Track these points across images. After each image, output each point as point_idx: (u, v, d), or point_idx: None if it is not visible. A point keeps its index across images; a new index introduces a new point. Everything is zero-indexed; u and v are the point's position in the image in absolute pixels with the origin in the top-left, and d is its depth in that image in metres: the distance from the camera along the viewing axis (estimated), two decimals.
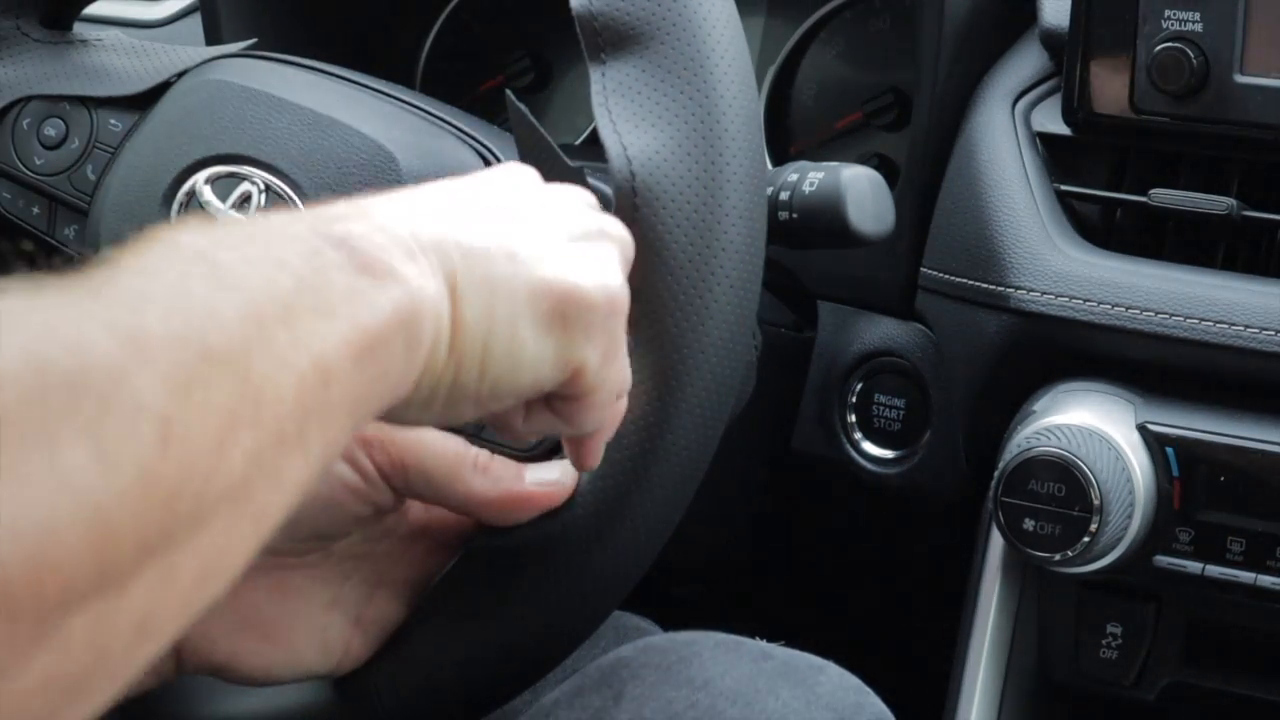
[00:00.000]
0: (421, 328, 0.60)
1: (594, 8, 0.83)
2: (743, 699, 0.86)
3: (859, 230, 0.91)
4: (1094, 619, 1.11)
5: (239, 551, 0.51)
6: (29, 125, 1.05)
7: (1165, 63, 1.04)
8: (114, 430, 0.45)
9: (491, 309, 0.64)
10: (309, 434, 0.53)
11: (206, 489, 0.48)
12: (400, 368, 0.59)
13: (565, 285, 0.66)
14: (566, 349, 0.67)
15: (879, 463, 1.22)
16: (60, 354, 0.45)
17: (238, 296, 0.52)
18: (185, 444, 0.47)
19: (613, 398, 0.72)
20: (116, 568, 0.45)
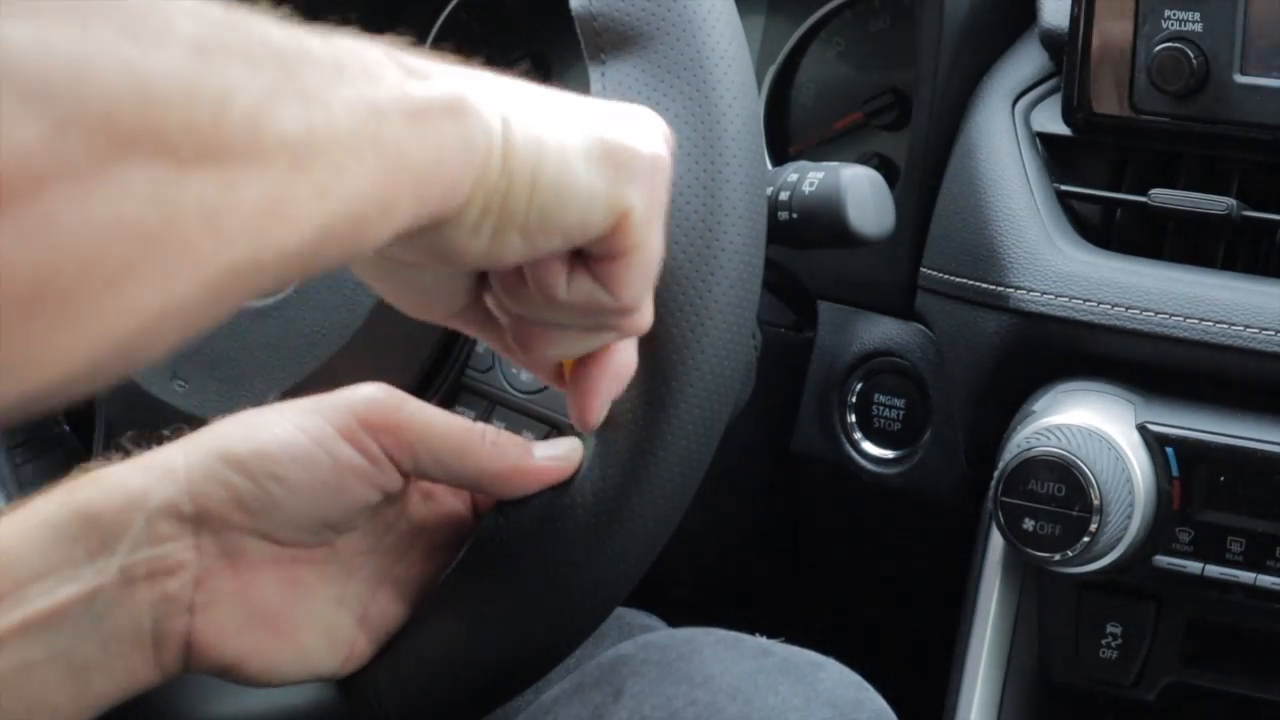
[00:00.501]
0: (473, 126, 0.61)
1: (594, 8, 0.83)
2: (742, 695, 0.86)
3: (859, 230, 0.91)
4: (1094, 619, 1.11)
5: (299, 204, 0.52)
6: None
7: (1165, 63, 1.04)
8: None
9: (541, 136, 0.65)
10: (363, 152, 0.55)
11: (255, 125, 0.50)
12: (456, 159, 0.61)
13: (614, 132, 0.68)
14: (614, 190, 0.68)
15: (879, 463, 1.22)
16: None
17: (267, 43, 0.53)
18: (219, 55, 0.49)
19: (653, 265, 0.72)
20: (170, 140, 0.47)
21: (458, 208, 0.62)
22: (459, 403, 0.90)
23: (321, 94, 0.54)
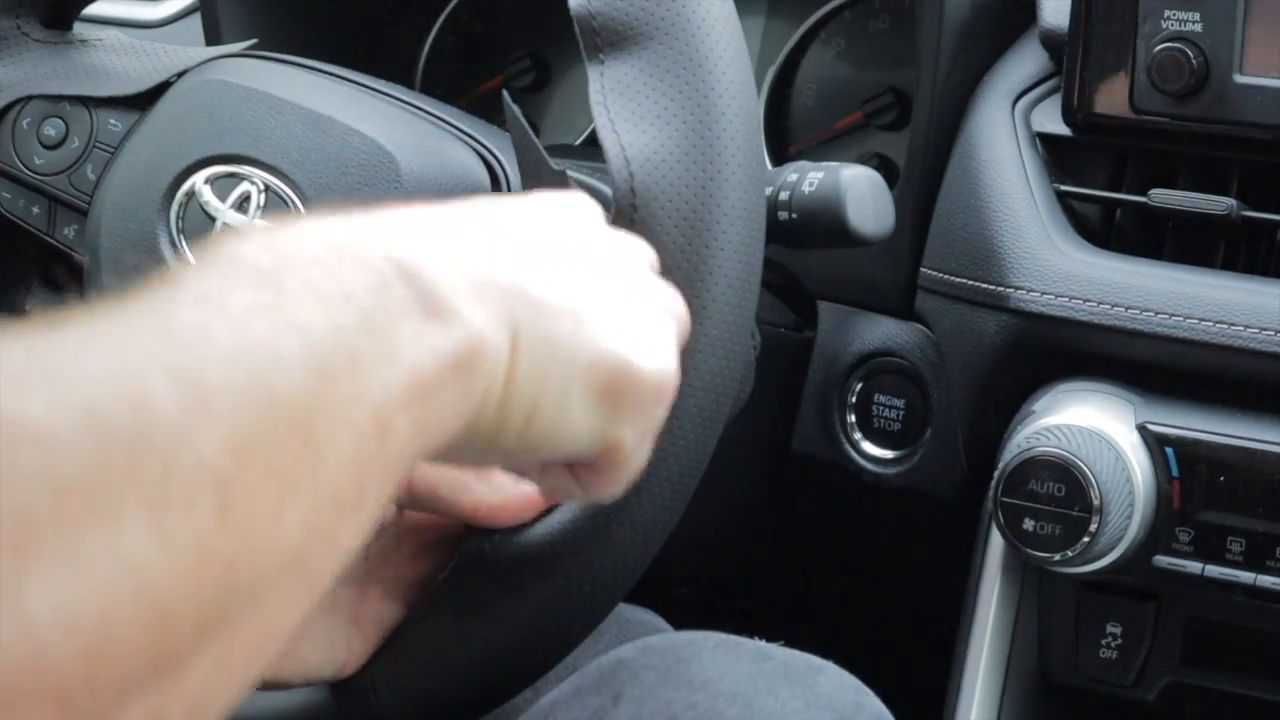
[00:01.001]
0: (477, 376, 0.57)
1: (592, 7, 0.83)
2: (742, 699, 0.86)
3: (859, 230, 0.91)
4: (1094, 619, 1.11)
5: (290, 621, 0.49)
6: (29, 125, 1.05)
7: (1165, 63, 1.04)
8: (176, 499, 0.42)
9: (547, 370, 0.61)
10: (364, 493, 0.50)
11: (263, 561, 0.45)
12: (449, 416, 0.56)
13: (624, 361, 0.64)
14: (610, 425, 0.65)
15: (879, 463, 1.22)
16: (122, 411, 0.42)
17: (302, 339, 0.49)
18: (244, 512, 0.44)
19: (636, 469, 0.69)
20: (174, 654, 0.43)
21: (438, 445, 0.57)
22: None
23: (332, 441, 0.49)
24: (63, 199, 1.04)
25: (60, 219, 1.05)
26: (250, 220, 0.94)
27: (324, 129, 0.94)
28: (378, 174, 0.92)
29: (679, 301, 0.71)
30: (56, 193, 1.04)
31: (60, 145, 1.04)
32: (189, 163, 0.96)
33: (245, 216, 0.94)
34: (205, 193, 0.96)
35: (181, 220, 0.96)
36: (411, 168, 0.92)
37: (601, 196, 0.91)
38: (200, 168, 0.96)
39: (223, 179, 0.95)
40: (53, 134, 1.05)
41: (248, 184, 0.94)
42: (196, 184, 0.96)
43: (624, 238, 0.71)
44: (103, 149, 1.03)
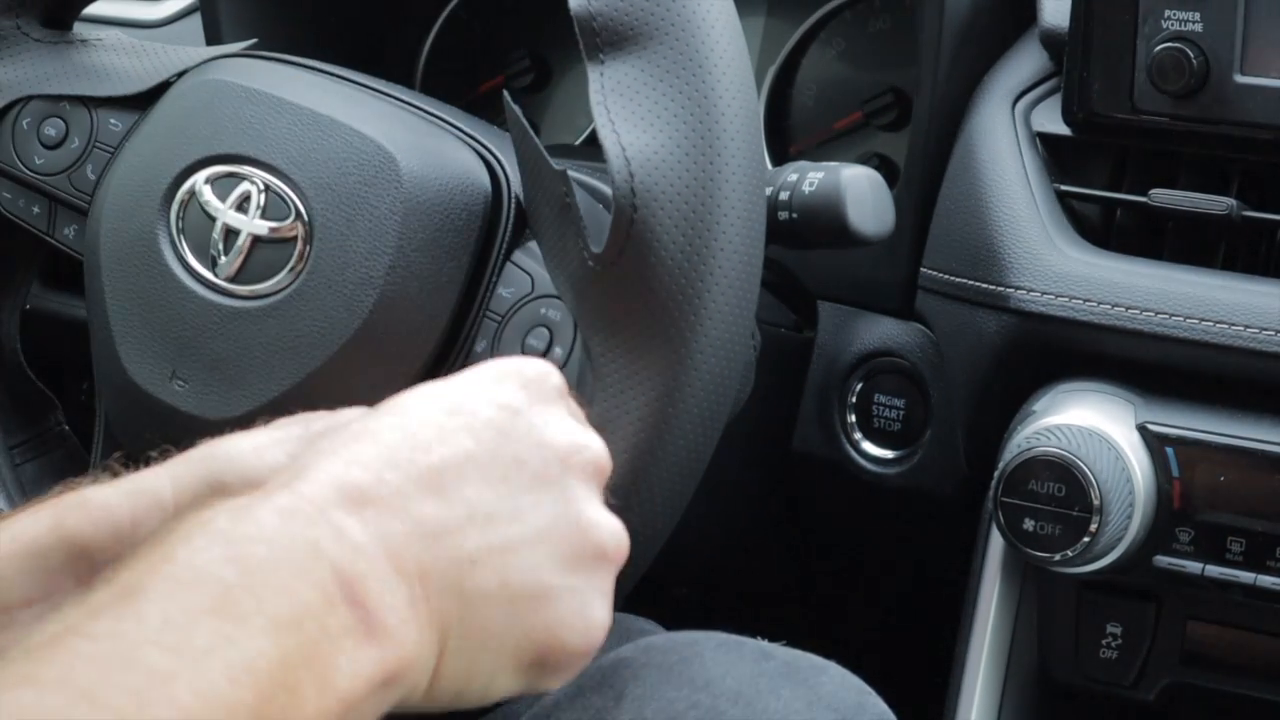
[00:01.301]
0: (402, 685, 0.62)
1: (592, 8, 0.83)
2: (744, 699, 0.86)
3: (859, 230, 0.91)
4: (1094, 619, 1.11)
5: None
6: (29, 125, 1.05)
7: (1165, 63, 1.04)
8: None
9: (476, 660, 0.66)
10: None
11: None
12: (369, 715, 0.61)
13: (553, 641, 0.68)
14: (536, 685, 0.70)
15: (879, 463, 1.22)
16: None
17: (253, 680, 0.54)
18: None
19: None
20: None
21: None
22: None
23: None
24: (63, 199, 1.04)
25: (60, 219, 1.05)
26: (250, 221, 0.94)
27: (324, 129, 0.94)
28: (378, 174, 0.92)
29: (621, 536, 0.72)
30: (56, 193, 1.04)
31: (60, 145, 1.04)
32: (189, 163, 0.96)
33: (245, 216, 0.94)
34: (205, 193, 0.96)
35: (182, 220, 0.96)
36: (411, 167, 0.92)
37: (601, 196, 0.92)
38: (200, 168, 0.96)
39: (223, 179, 0.95)
40: (53, 134, 1.05)
41: (248, 184, 0.94)
42: (197, 184, 0.96)
43: (566, 429, 0.72)
44: (103, 149, 1.03)
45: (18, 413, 1.11)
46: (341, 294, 0.91)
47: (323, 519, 0.61)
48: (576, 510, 0.70)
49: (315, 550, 0.60)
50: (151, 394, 0.96)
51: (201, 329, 0.94)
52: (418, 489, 0.65)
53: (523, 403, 0.70)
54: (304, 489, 0.62)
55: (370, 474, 0.64)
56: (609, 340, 0.81)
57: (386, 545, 0.62)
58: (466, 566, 0.65)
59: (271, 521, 0.60)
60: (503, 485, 0.68)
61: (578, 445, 0.71)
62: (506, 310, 0.90)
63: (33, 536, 0.75)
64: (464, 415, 0.69)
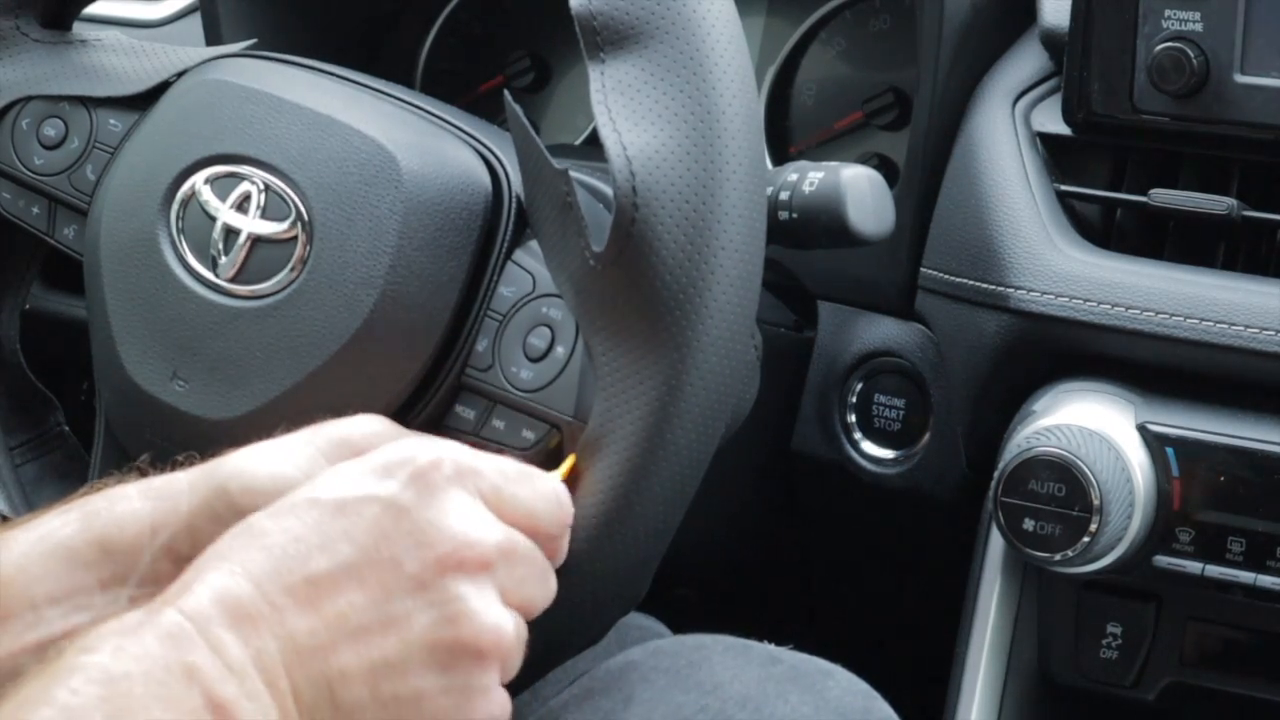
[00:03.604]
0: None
1: (593, 7, 0.83)
2: (752, 704, 0.86)
3: (859, 230, 0.91)
4: (1094, 619, 1.11)
5: None
6: (29, 125, 1.05)
7: (1165, 63, 1.04)
8: None
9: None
10: None
11: None
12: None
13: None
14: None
15: (879, 463, 1.22)
16: None
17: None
18: None
19: None
20: None
21: None
22: (459, 402, 0.90)
23: None
24: (63, 199, 1.04)
25: (60, 219, 1.05)
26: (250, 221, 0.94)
27: (324, 129, 0.94)
28: (378, 173, 0.92)
29: (506, 632, 0.73)
30: (56, 193, 1.04)
31: (60, 145, 1.04)
32: (189, 163, 0.96)
33: (245, 216, 0.94)
34: (205, 193, 0.95)
35: (181, 220, 0.96)
36: (412, 167, 0.92)
37: (602, 196, 0.92)
38: (200, 168, 0.96)
39: (223, 179, 0.95)
40: (53, 134, 1.05)
41: (248, 184, 0.94)
42: (196, 184, 0.96)
43: (454, 524, 0.73)
44: (103, 149, 1.03)
45: (18, 413, 1.11)
46: (342, 294, 0.91)
47: (202, 638, 0.66)
48: (453, 611, 0.71)
49: (190, 676, 0.64)
50: (152, 394, 0.95)
51: (202, 329, 0.94)
52: (294, 604, 0.68)
53: (410, 500, 0.72)
54: (188, 604, 0.67)
55: (251, 586, 0.68)
56: (610, 339, 0.81)
57: (260, 663, 0.66)
58: (338, 681, 0.68)
59: (153, 649, 0.64)
60: (378, 591, 0.70)
61: (462, 541, 0.72)
62: (508, 309, 0.89)
63: (62, 537, 0.77)
64: (348, 517, 0.71)
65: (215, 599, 0.67)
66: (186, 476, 0.78)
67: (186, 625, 0.66)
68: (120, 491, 0.78)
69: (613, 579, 0.82)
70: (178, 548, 0.76)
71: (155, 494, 0.78)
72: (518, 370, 0.88)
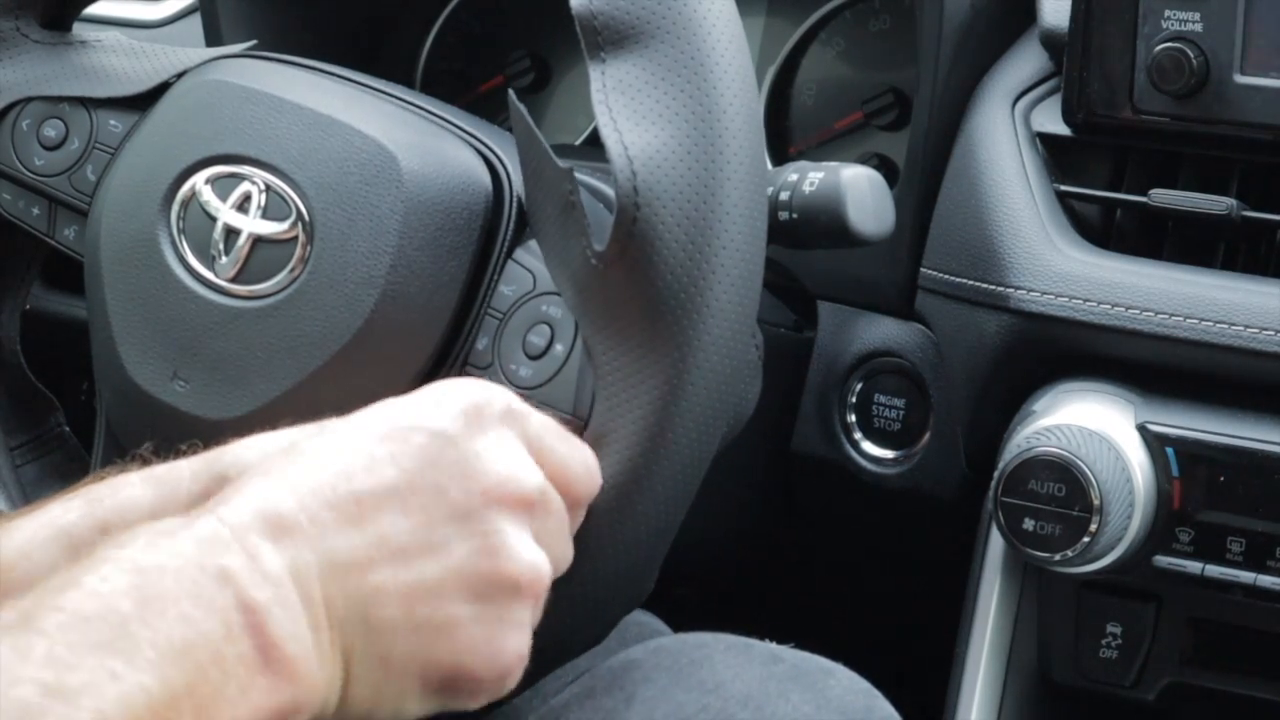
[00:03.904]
0: (302, 712, 0.65)
1: (594, 6, 0.83)
2: (754, 703, 0.86)
3: (859, 230, 0.91)
4: (1094, 619, 1.11)
5: None
6: (29, 126, 1.05)
7: (1165, 63, 1.04)
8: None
9: (381, 688, 0.69)
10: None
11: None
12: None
13: (459, 670, 0.71)
14: (450, 706, 0.72)
15: (879, 463, 1.22)
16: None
17: (120, 696, 0.58)
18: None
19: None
20: None
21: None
22: None
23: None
24: (63, 200, 1.04)
25: (60, 220, 1.05)
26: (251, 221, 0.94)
27: (324, 129, 0.94)
28: (379, 173, 0.92)
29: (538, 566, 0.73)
30: (56, 194, 1.04)
31: (60, 146, 1.04)
32: (189, 163, 0.96)
33: (246, 216, 0.94)
34: (206, 193, 0.95)
35: (182, 221, 0.96)
36: (412, 167, 0.92)
37: (603, 196, 0.92)
38: (201, 168, 0.96)
39: (223, 179, 0.95)
40: (53, 135, 1.05)
41: (248, 184, 0.94)
42: (197, 184, 0.96)
43: (500, 459, 0.73)
44: (103, 150, 1.03)
45: (18, 413, 1.11)
46: (343, 293, 0.91)
47: (239, 545, 0.65)
48: (494, 543, 0.71)
49: (224, 578, 0.63)
50: (152, 394, 0.95)
51: (202, 329, 0.94)
52: (335, 519, 0.68)
53: (459, 430, 0.72)
54: (227, 513, 0.66)
55: (293, 500, 0.67)
56: (611, 338, 0.81)
57: (296, 574, 0.66)
58: (372, 598, 0.68)
59: (187, 549, 0.64)
60: (420, 516, 0.70)
61: (506, 477, 0.72)
62: (508, 308, 0.90)
63: (65, 523, 0.77)
64: (395, 442, 0.71)
65: (255, 509, 0.67)
66: (188, 465, 0.79)
67: (223, 530, 0.65)
68: (123, 479, 0.79)
69: (615, 578, 0.82)
70: None
71: (157, 481, 0.78)
72: (517, 368, 0.88)
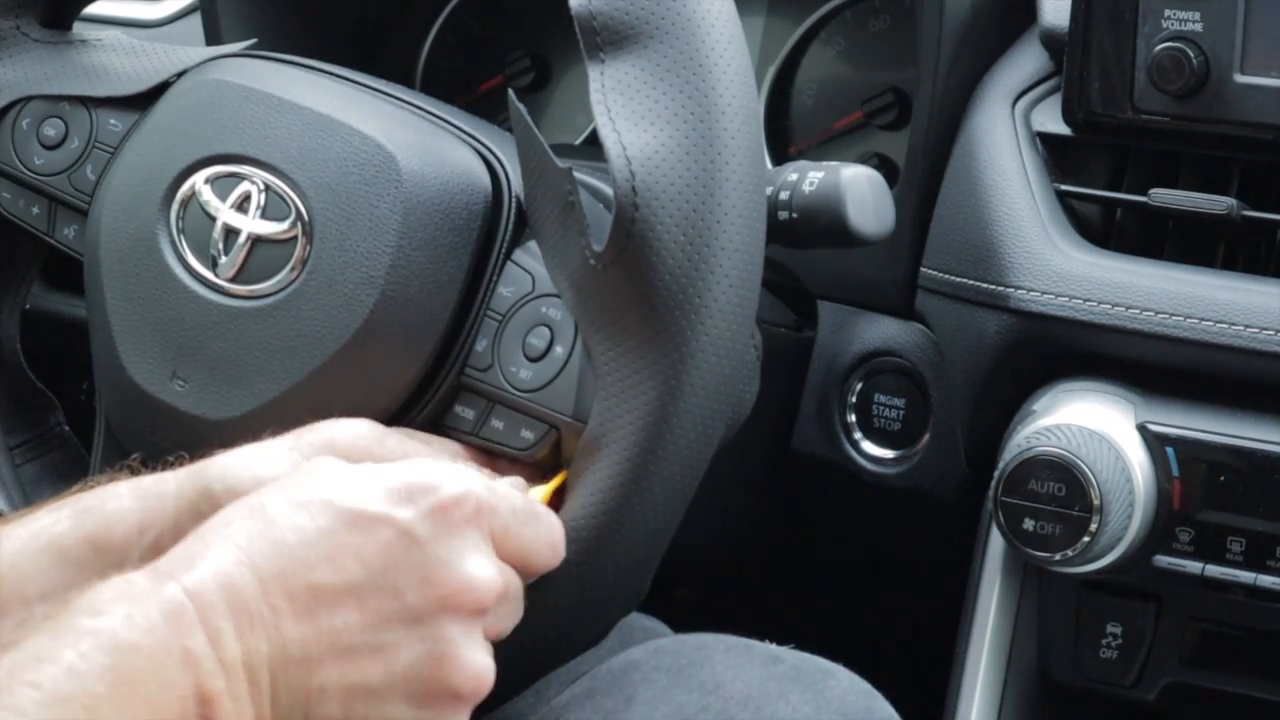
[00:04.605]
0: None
1: (593, 7, 0.83)
2: (753, 704, 0.86)
3: (859, 230, 0.91)
4: (1094, 619, 1.11)
5: None
6: (29, 125, 1.05)
7: (1165, 63, 1.04)
8: None
9: None
10: None
11: None
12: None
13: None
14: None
15: (879, 463, 1.22)
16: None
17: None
18: None
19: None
20: None
21: None
22: (458, 402, 0.90)
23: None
24: (63, 199, 1.04)
25: (60, 219, 1.05)
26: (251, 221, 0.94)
27: (324, 129, 0.94)
28: (378, 173, 0.92)
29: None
30: (56, 193, 1.04)
31: (60, 145, 1.04)
32: (189, 163, 0.96)
33: (245, 216, 0.94)
34: (205, 192, 0.95)
35: (182, 220, 0.96)
36: (412, 167, 0.92)
37: (602, 196, 0.92)
38: (200, 167, 0.96)
39: (223, 179, 0.95)
40: (53, 134, 1.05)
41: (248, 184, 0.94)
42: (197, 184, 0.96)
43: (461, 566, 0.73)
44: (103, 149, 1.03)
45: (18, 413, 1.11)
46: (342, 293, 0.91)
47: (202, 626, 0.66)
48: (442, 651, 0.72)
49: (188, 662, 0.65)
50: (152, 394, 0.95)
51: (202, 329, 0.94)
52: (292, 610, 0.69)
53: (425, 532, 0.72)
54: (193, 582, 0.67)
55: (256, 582, 0.68)
56: (610, 339, 0.82)
57: (249, 663, 0.67)
58: (316, 695, 0.69)
59: (158, 624, 0.65)
60: (374, 616, 0.71)
61: (466, 586, 0.72)
62: (507, 309, 0.89)
63: (54, 534, 0.78)
64: (361, 534, 0.71)
65: (219, 585, 0.68)
66: (174, 477, 0.79)
67: (189, 607, 0.66)
68: (112, 490, 0.79)
69: (613, 579, 0.82)
70: (164, 547, 0.76)
71: (144, 494, 0.79)
72: (517, 370, 0.88)
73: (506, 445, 0.87)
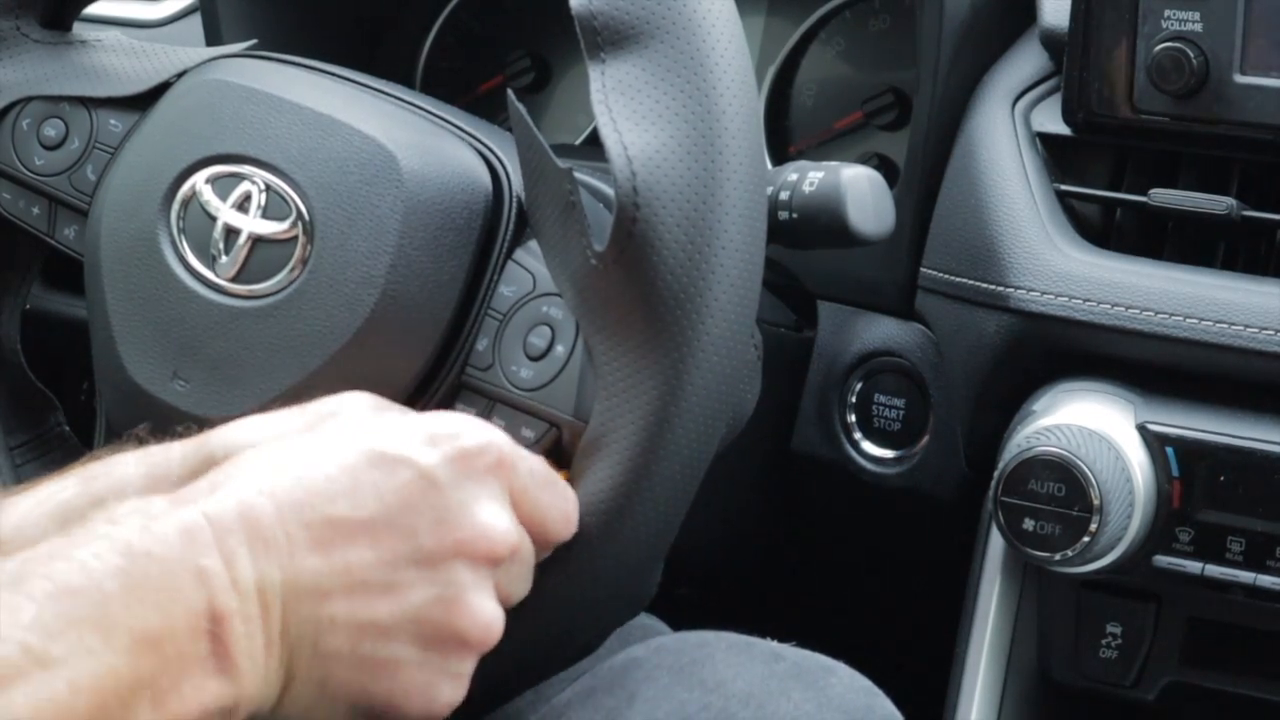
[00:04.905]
0: (238, 715, 0.68)
1: (593, 6, 0.83)
2: (755, 701, 0.86)
3: (859, 230, 0.91)
4: (1094, 619, 1.11)
5: None
6: (29, 126, 1.05)
7: (1165, 63, 1.04)
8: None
9: (314, 706, 0.71)
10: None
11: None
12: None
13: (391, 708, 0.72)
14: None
15: (879, 463, 1.22)
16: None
17: (92, 673, 0.61)
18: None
19: None
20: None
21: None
22: (459, 401, 0.90)
23: None
24: (63, 199, 1.04)
25: (60, 219, 1.05)
26: (251, 221, 0.94)
27: (324, 128, 0.94)
28: (378, 173, 0.92)
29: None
30: (56, 193, 1.04)
31: (60, 146, 1.04)
32: (189, 163, 0.96)
33: (246, 216, 0.94)
34: (206, 193, 0.95)
35: (182, 220, 0.96)
36: (412, 167, 0.92)
37: (603, 196, 0.92)
38: (201, 168, 0.96)
39: (223, 179, 0.95)
40: (53, 134, 1.05)
41: (248, 184, 0.94)
42: (197, 184, 0.96)
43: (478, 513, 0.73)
44: (103, 149, 1.03)
45: (18, 413, 1.11)
46: (342, 293, 0.91)
47: (217, 547, 0.67)
48: (452, 595, 0.72)
49: (201, 579, 0.66)
50: (152, 394, 0.95)
51: (202, 329, 0.94)
52: (307, 539, 0.69)
53: (446, 475, 0.73)
54: (211, 507, 0.68)
55: (273, 511, 0.69)
56: (611, 339, 0.82)
57: (262, 589, 0.67)
58: (325, 626, 0.70)
59: (172, 539, 0.66)
60: (388, 554, 0.71)
61: (481, 532, 0.73)
62: (508, 309, 0.90)
63: (61, 499, 0.79)
64: (381, 472, 0.72)
65: (237, 511, 0.68)
66: (179, 447, 0.80)
67: (206, 528, 0.67)
68: (118, 458, 0.80)
69: (615, 579, 0.82)
70: None
71: (150, 463, 0.79)
72: (517, 369, 0.88)
73: None
